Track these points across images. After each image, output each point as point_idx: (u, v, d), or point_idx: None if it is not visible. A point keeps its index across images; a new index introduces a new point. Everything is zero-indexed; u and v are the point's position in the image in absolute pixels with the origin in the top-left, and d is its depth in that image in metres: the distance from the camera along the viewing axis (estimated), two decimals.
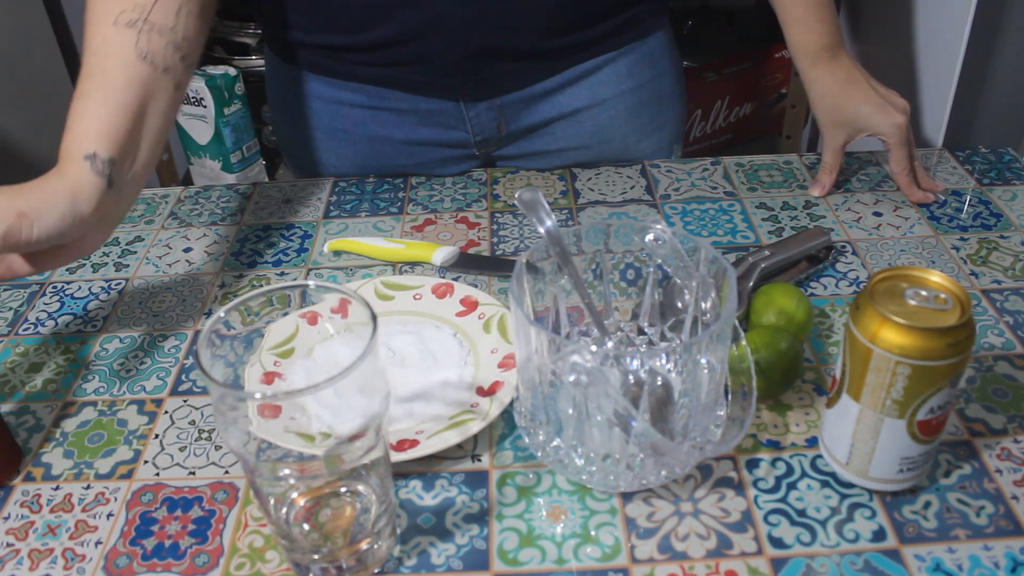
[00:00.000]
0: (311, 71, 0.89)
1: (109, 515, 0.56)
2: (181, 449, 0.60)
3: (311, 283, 0.49)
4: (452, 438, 0.57)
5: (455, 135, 0.91)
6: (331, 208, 0.87)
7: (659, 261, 0.58)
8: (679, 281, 0.58)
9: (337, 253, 0.80)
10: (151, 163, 0.67)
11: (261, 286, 0.75)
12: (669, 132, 0.98)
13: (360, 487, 0.51)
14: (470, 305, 0.70)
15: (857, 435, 0.52)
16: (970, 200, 0.84)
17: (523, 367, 0.53)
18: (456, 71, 0.84)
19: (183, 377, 0.67)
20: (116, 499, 0.57)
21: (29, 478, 0.59)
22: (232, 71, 0.98)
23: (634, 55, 0.91)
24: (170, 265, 0.80)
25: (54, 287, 0.77)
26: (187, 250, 0.82)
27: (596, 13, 0.85)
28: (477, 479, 0.57)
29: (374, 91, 0.88)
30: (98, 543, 0.54)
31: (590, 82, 0.90)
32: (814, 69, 0.85)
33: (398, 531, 0.54)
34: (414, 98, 0.88)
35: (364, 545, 0.50)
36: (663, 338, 0.61)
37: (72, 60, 1.68)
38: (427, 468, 0.58)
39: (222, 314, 0.47)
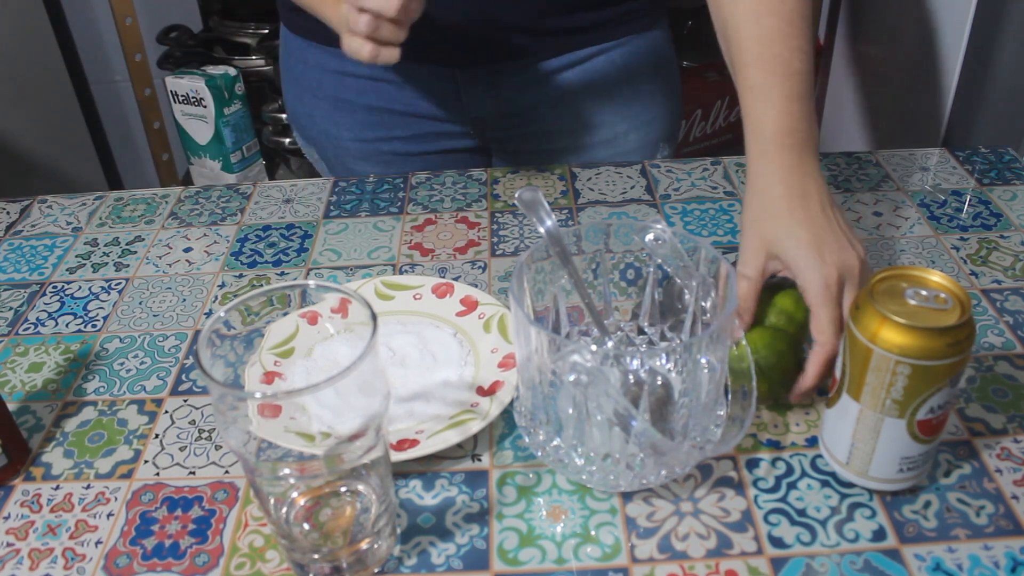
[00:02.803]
0: (318, 42, 0.92)
1: (109, 515, 0.56)
2: (181, 449, 0.60)
3: (311, 283, 0.49)
4: (452, 438, 0.57)
5: (451, 110, 0.93)
6: (331, 208, 0.87)
7: (659, 261, 0.58)
8: (679, 281, 0.57)
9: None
10: None
11: (261, 286, 0.75)
12: (659, 128, 0.99)
13: (360, 487, 0.51)
14: (470, 305, 0.70)
15: (857, 435, 0.52)
16: (970, 200, 0.84)
17: (523, 367, 0.53)
18: (456, 39, 0.85)
19: (183, 377, 0.67)
20: (116, 499, 0.57)
21: (29, 478, 0.59)
22: (232, 71, 0.98)
23: (630, 48, 0.92)
24: (170, 265, 0.80)
25: (54, 287, 0.77)
26: (187, 250, 0.82)
27: (595, 1, 0.87)
28: (477, 479, 0.57)
29: None
30: (98, 543, 0.54)
31: (584, 68, 0.91)
32: (762, 161, 0.63)
33: (398, 531, 0.54)
34: (414, 68, 0.90)
35: (364, 545, 0.50)
36: (663, 338, 0.61)
37: (72, 60, 1.68)
38: (427, 468, 0.58)
39: (222, 314, 0.47)
